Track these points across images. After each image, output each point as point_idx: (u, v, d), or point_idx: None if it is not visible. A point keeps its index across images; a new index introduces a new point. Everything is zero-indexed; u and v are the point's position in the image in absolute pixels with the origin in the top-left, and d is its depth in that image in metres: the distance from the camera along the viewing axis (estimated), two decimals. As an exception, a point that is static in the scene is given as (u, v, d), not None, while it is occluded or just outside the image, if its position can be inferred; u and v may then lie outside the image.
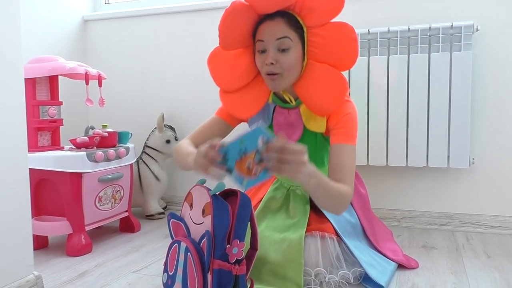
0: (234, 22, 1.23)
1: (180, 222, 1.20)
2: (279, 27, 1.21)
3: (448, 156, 1.72)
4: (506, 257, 1.48)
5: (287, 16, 1.22)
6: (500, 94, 1.73)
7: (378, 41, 1.77)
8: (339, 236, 1.30)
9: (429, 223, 1.85)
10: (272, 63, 1.20)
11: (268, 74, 1.23)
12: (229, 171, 1.02)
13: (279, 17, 1.21)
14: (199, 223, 1.12)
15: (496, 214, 1.77)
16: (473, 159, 1.75)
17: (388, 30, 1.75)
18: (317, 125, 1.29)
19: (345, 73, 1.69)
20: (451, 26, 1.67)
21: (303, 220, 1.33)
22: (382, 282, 1.22)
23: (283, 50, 1.21)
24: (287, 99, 1.32)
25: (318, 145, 1.37)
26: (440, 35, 1.69)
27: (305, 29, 1.23)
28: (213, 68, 1.35)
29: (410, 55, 1.73)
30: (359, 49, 1.26)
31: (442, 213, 1.84)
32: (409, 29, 1.72)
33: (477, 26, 1.68)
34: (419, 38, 1.72)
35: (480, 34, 1.72)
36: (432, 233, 1.78)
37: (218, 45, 1.33)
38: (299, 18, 1.23)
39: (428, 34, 1.71)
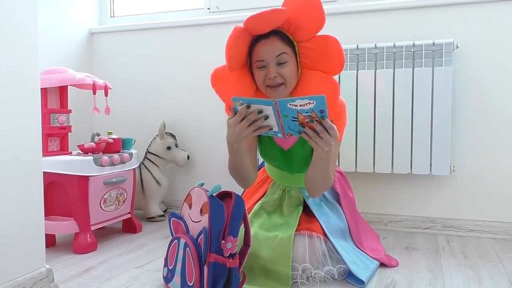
0: (238, 46, 1.34)
1: (180, 221, 1.33)
2: (276, 45, 1.33)
3: (431, 164, 1.85)
4: (481, 258, 1.60)
5: (280, 34, 1.35)
6: (479, 106, 1.86)
7: (366, 56, 1.90)
8: (326, 236, 1.42)
9: (413, 227, 1.97)
10: (275, 76, 1.33)
11: (270, 86, 1.36)
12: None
13: (273, 35, 1.34)
14: (197, 221, 1.24)
15: (475, 218, 1.89)
16: (454, 166, 1.87)
17: (375, 46, 1.88)
18: None
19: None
20: (433, 43, 1.81)
21: (294, 220, 1.46)
22: (363, 277, 1.34)
23: (282, 64, 1.34)
24: None
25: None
26: (423, 52, 1.82)
27: (295, 43, 1.37)
28: (218, 89, 1.43)
29: (395, 70, 1.86)
30: (345, 58, 1.38)
31: (426, 217, 1.96)
32: (394, 45, 1.86)
33: (457, 43, 1.81)
34: (403, 54, 1.85)
35: (460, 51, 1.85)
36: (416, 236, 1.90)
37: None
38: (289, 35, 1.36)
39: (412, 50, 1.84)
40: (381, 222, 2.01)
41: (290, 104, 1.12)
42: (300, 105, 1.12)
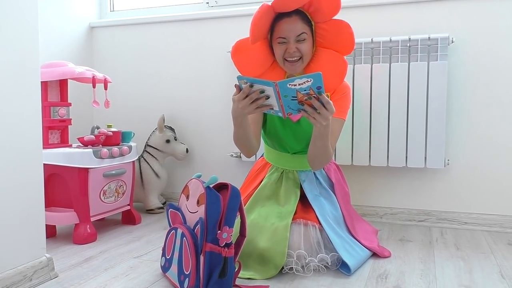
0: (262, 21, 1.45)
1: (177, 212, 1.36)
2: (297, 24, 1.45)
3: (425, 157, 1.87)
4: (474, 250, 1.63)
5: (301, 14, 1.46)
6: (473, 101, 1.89)
7: (363, 51, 1.92)
8: (321, 225, 1.46)
9: (408, 219, 2.00)
10: (294, 51, 1.46)
11: (288, 61, 1.48)
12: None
13: (295, 15, 1.46)
14: (194, 211, 1.27)
15: (469, 211, 1.92)
16: (448, 160, 1.90)
17: (372, 40, 1.90)
18: None
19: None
20: (429, 38, 1.83)
21: (291, 208, 1.50)
22: (350, 264, 1.38)
23: (301, 41, 1.46)
24: None
25: None
26: (419, 46, 1.84)
27: (313, 23, 1.49)
28: (237, 60, 1.54)
29: (392, 64, 1.88)
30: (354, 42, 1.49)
31: (421, 210, 1.99)
32: (390, 40, 1.88)
33: (452, 38, 1.83)
34: (399, 49, 1.87)
35: (455, 46, 1.87)
36: (410, 228, 1.93)
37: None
38: (308, 15, 1.48)
39: (408, 45, 1.87)
40: (376, 215, 2.04)
41: (290, 85, 1.19)
42: (299, 84, 1.19)
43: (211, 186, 1.26)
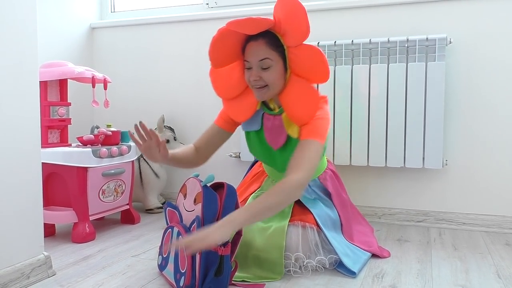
0: (221, 46, 1.37)
1: (175, 210, 1.36)
2: (261, 48, 1.33)
3: (423, 158, 1.87)
4: (471, 250, 1.63)
5: (269, 37, 1.33)
6: (471, 101, 1.89)
7: (361, 51, 1.93)
8: (319, 227, 1.46)
9: (406, 220, 2.00)
10: (256, 80, 1.35)
11: (254, 87, 1.38)
12: None
13: (261, 38, 1.33)
14: (191, 210, 1.28)
15: (468, 212, 1.92)
16: (446, 160, 1.90)
17: (370, 41, 1.91)
18: (294, 132, 1.39)
19: (330, 80, 1.86)
20: (427, 38, 1.83)
21: (287, 211, 1.49)
22: (354, 269, 1.38)
23: (265, 68, 1.34)
24: (272, 107, 1.46)
25: None
26: (417, 47, 1.85)
27: (285, 47, 1.34)
28: (212, 80, 1.49)
29: (390, 65, 1.88)
30: (329, 65, 1.34)
31: (419, 210, 1.99)
32: (388, 40, 1.88)
33: (450, 38, 1.83)
34: (397, 49, 1.87)
35: (452, 46, 1.88)
36: (408, 228, 1.93)
37: None
38: (280, 37, 1.34)
39: (406, 45, 1.87)
40: (375, 215, 2.04)
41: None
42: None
43: (208, 185, 1.27)
